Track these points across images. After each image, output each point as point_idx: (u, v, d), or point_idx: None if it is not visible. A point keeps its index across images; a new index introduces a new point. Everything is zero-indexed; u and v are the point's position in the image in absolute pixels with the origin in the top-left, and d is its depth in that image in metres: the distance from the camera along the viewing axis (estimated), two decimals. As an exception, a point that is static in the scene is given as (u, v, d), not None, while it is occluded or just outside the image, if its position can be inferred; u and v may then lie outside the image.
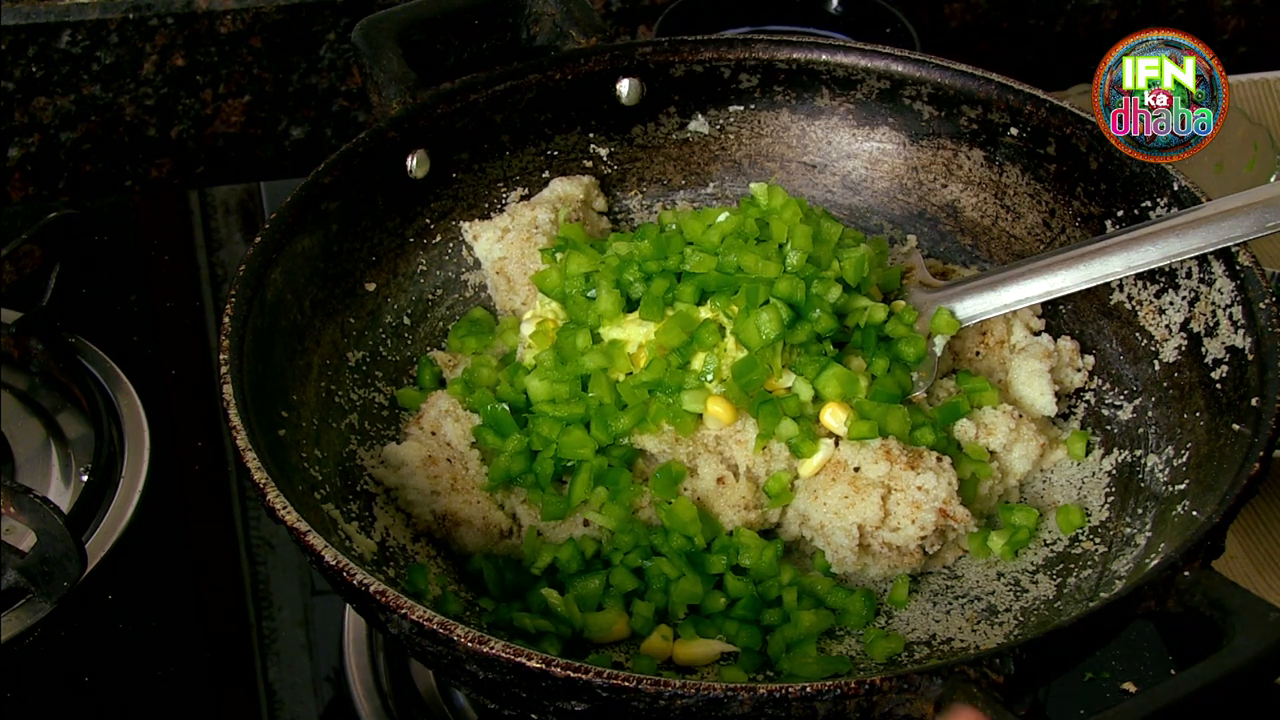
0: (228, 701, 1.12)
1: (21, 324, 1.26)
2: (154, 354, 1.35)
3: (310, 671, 1.12)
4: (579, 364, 1.06)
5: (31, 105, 1.53)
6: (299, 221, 1.07)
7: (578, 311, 1.09)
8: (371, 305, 1.15)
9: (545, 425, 1.05)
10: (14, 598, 1.06)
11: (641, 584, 1.01)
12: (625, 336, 1.07)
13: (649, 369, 1.04)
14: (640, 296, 1.07)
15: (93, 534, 1.14)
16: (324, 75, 1.59)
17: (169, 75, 1.54)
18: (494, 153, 1.22)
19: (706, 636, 0.99)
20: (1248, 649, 0.76)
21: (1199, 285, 1.06)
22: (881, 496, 1.01)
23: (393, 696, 1.07)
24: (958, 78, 1.19)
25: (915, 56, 1.21)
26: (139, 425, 1.23)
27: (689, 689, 0.77)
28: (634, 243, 1.11)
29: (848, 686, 0.77)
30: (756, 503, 1.04)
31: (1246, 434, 0.94)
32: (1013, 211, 1.20)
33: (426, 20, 1.20)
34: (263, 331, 1.01)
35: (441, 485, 1.04)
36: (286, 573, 1.19)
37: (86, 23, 1.49)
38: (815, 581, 1.02)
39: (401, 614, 0.80)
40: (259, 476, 0.88)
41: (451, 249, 1.21)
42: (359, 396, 1.11)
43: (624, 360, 1.06)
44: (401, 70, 1.15)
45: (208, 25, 1.52)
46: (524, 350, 1.12)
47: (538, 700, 0.81)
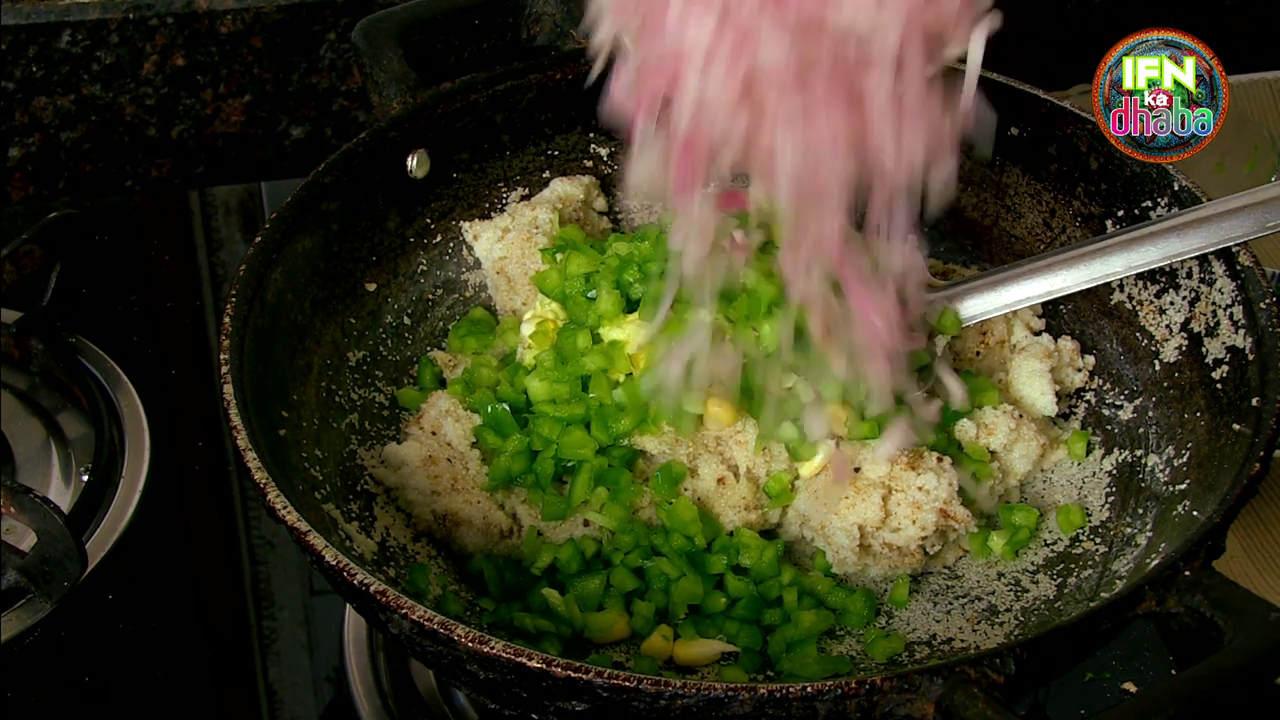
0: (228, 701, 1.12)
1: (21, 324, 1.26)
2: (154, 354, 1.35)
3: (310, 671, 1.12)
4: (579, 364, 1.06)
5: (32, 105, 1.53)
6: (299, 221, 1.07)
7: (578, 312, 1.09)
8: (372, 305, 1.15)
9: (545, 425, 1.05)
10: (14, 598, 1.06)
11: (642, 584, 1.01)
12: (625, 337, 1.07)
13: (649, 371, 1.04)
14: (640, 297, 1.07)
15: (93, 534, 1.14)
16: (324, 75, 1.59)
17: (169, 75, 1.54)
18: (494, 153, 1.22)
19: (707, 636, 0.99)
20: (1247, 649, 0.76)
21: (1199, 285, 1.06)
22: (882, 497, 1.01)
23: (393, 696, 1.07)
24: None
25: (915, 56, 1.21)
26: (139, 425, 1.23)
27: (689, 689, 0.77)
28: (634, 243, 1.11)
29: (848, 686, 0.77)
30: (757, 503, 1.04)
31: (1247, 434, 0.94)
32: (1013, 211, 1.20)
33: (426, 20, 1.20)
34: (263, 331, 1.01)
35: (442, 485, 1.04)
36: (286, 573, 1.19)
37: (87, 23, 1.49)
38: (815, 581, 1.02)
39: (402, 614, 0.80)
40: (259, 476, 0.88)
41: (452, 249, 1.21)
42: (359, 396, 1.11)
43: (624, 361, 1.06)
44: (402, 70, 1.15)
45: (208, 25, 1.52)
46: (524, 350, 1.11)
47: (538, 700, 0.81)
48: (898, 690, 0.77)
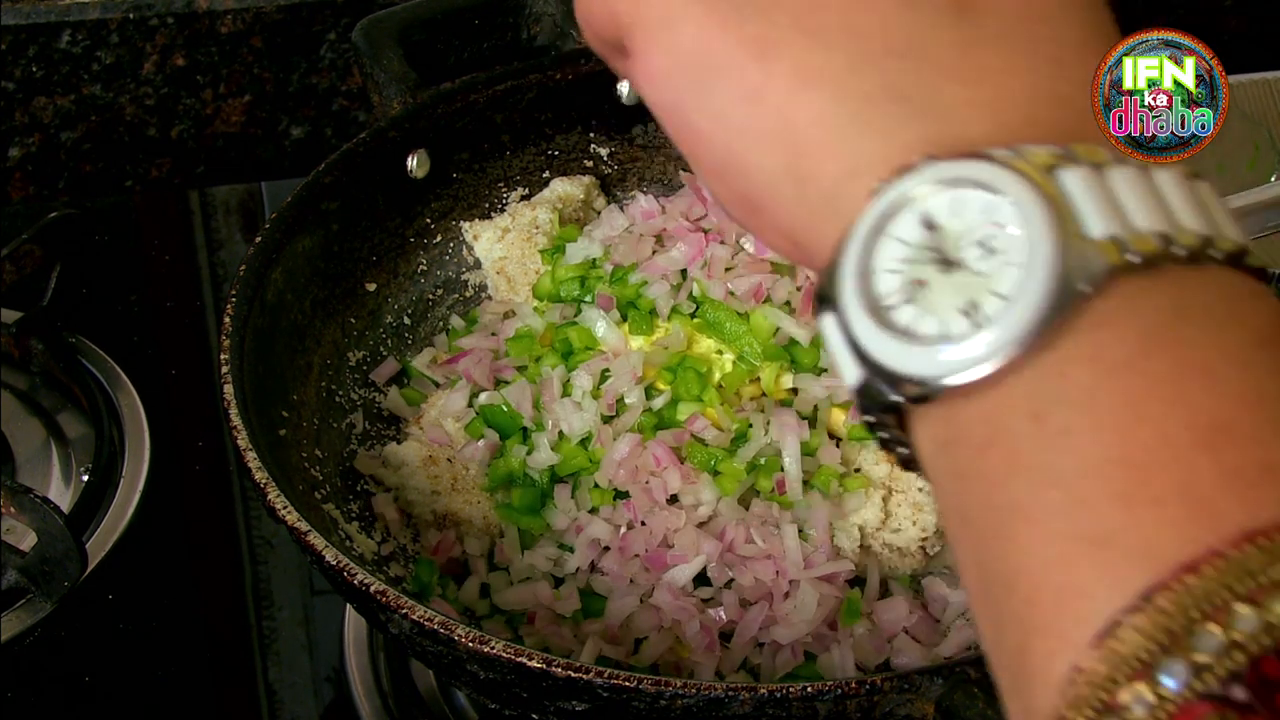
0: (228, 701, 1.12)
1: (21, 324, 1.26)
2: (154, 354, 1.35)
3: (310, 671, 1.12)
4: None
5: (32, 105, 1.52)
6: (299, 221, 1.07)
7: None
8: (372, 305, 1.15)
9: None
10: (14, 598, 1.06)
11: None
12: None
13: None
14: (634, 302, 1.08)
15: (93, 534, 1.14)
16: (324, 75, 1.59)
17: (169, 75, 1.54)
18: (494, 152, 1.22)
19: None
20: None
21: (1199, 285, 1.06)
22: (883, 498, 1.01)
23: (393, 696, 1.07)
24: (958, 78, 1.19)
25: (915, 56, 1.21)
26: (139, 425, 1.23)
27: (690, 689, 0.77)
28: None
29: (849, 686, 0.77)
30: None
31: (1247, 434, 0.93)
32: (1013, 211, 1.20)
33: (427, 20, 1.20)
34: (263, 331, 1.01)
35: (442, 485, 1.04)
36: (286, 573, 1.18)
37: (87, 22, 1.49)
38: (816, 581, 1.02)
39: (402, 614, 0.80)
40: (260, 476, 0.88)
41: (452, 249, 1.21)
42: (359, 396, 1.11)
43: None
44: (402, 70, 1.15)
45: (208, 25, 1.52)
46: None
47: (538, 700, 0.81)
48: (898, 690, 0.77)
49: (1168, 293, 0.38)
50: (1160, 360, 0.37)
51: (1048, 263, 0.38)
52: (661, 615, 0.94)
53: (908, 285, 0.40)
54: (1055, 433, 0.37)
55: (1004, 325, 0.38)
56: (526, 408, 1.06)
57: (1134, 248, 0.38)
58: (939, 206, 0.40)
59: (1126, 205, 0.39)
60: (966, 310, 0.39)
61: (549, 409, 1.05)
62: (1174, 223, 0.39)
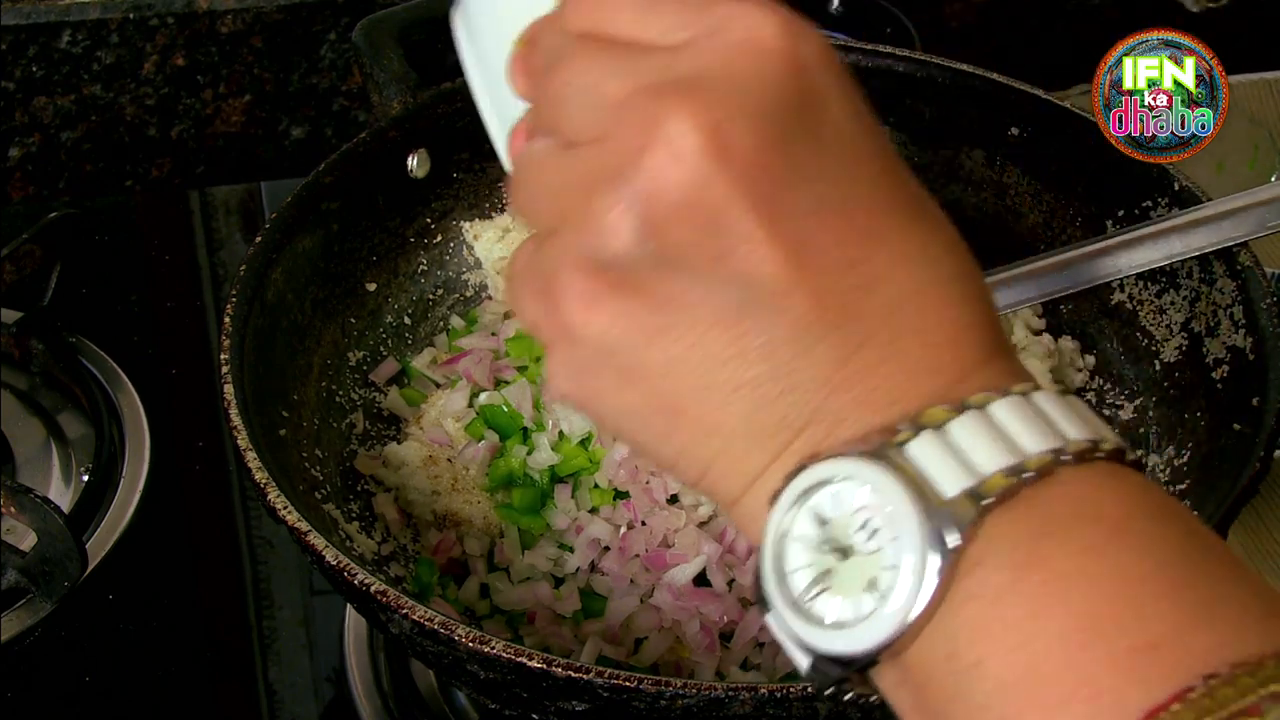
0: (228, 701, 1.12)
1: (22, 324, 1.26)
2: (154, 354, 1.35)
3: (310, 671, 1.12)
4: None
5: (32, 105, 1.52)
6: (300, 221, 1.07)
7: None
8: (372, 305, 1.15)
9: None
10: (14, 598, 1.06)
11: (642, 584, 1.01)
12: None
13: None
14: None
15: (93, 534, 1.14)
16: (324, 75, 1.59)
17: (169, 75, 1.54)
18: (494, 152, 1.22)
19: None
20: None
21: (1200, 285, 1.06)
22: (882, 496, 1.01)
23: (393, 696, 1.07)
24: (958, 77, 1.19)
25: (915, 56, 1.21)
26: (139, 425, 1.23)
27: (690, 689, 0.77)
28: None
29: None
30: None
31: (1247, 433, 0.94)
32: (1013, 211, 1.20)
33: (427, 20, 1.20)
34: (263, 331, 1.01)
35: (442, 485, 1.04)
36: (287, 573, 1.19)
37: (87, 22, 1.49)
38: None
39: (402, 614, 0.80)
40: (260, 476, 0.88)
41: (452, 249, 1.21)
42: (360, 396, 1.11)
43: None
44: (402, 70, 1.15)
45: (208, 25, 1.52)
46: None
47: (539, 700, 0.81)
48: (898, 690, 0.77)
49: (1028, 516, 0.44)
50: (1033, 578, 0.43)
51: (916, 532, 0.44)
52: (662, 615, 0.95)
53: (822, 575, 0.46)
54: (969, 666, 0.43)
55: (900, 593, 0.44)
56: (527, 408, 1.06)
57: (984, 491, 0.44)
58: (823, 503, 0.46)
59: (971, 454, 0.44)
60: (869, 587, 0.45)
61: (549, 409, 1.05)
62: (1014, 448, 0.45)
